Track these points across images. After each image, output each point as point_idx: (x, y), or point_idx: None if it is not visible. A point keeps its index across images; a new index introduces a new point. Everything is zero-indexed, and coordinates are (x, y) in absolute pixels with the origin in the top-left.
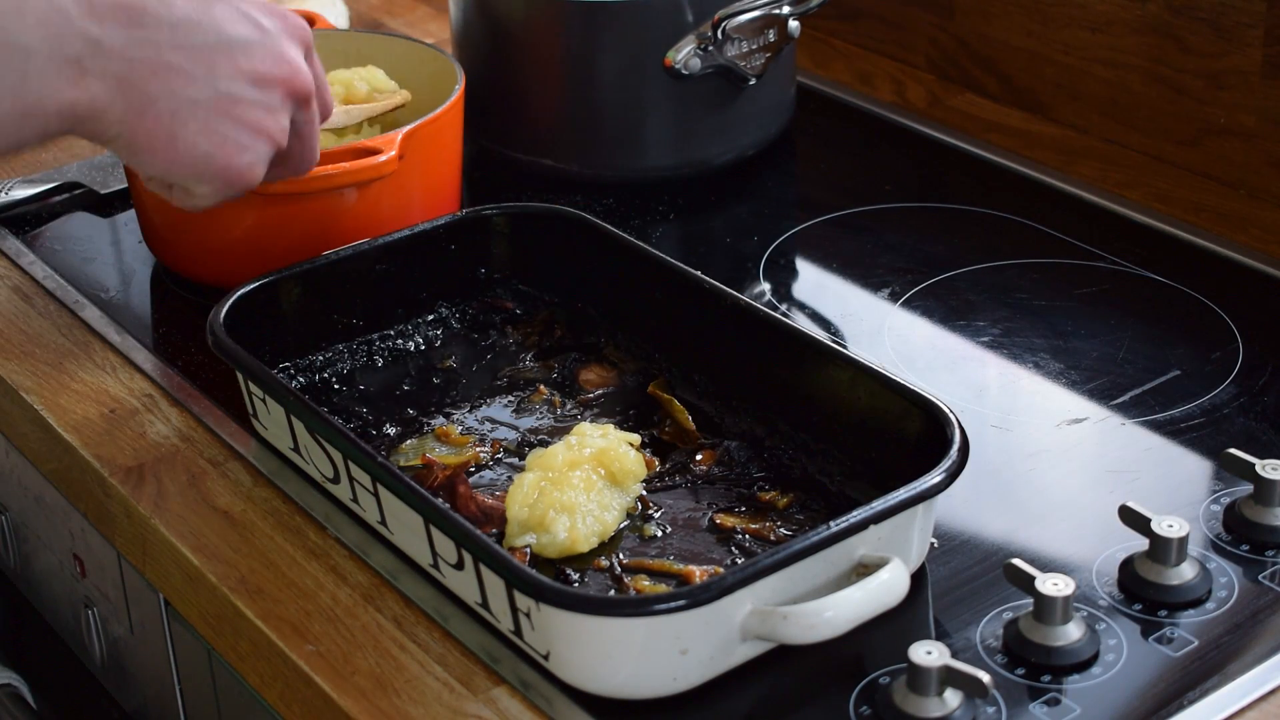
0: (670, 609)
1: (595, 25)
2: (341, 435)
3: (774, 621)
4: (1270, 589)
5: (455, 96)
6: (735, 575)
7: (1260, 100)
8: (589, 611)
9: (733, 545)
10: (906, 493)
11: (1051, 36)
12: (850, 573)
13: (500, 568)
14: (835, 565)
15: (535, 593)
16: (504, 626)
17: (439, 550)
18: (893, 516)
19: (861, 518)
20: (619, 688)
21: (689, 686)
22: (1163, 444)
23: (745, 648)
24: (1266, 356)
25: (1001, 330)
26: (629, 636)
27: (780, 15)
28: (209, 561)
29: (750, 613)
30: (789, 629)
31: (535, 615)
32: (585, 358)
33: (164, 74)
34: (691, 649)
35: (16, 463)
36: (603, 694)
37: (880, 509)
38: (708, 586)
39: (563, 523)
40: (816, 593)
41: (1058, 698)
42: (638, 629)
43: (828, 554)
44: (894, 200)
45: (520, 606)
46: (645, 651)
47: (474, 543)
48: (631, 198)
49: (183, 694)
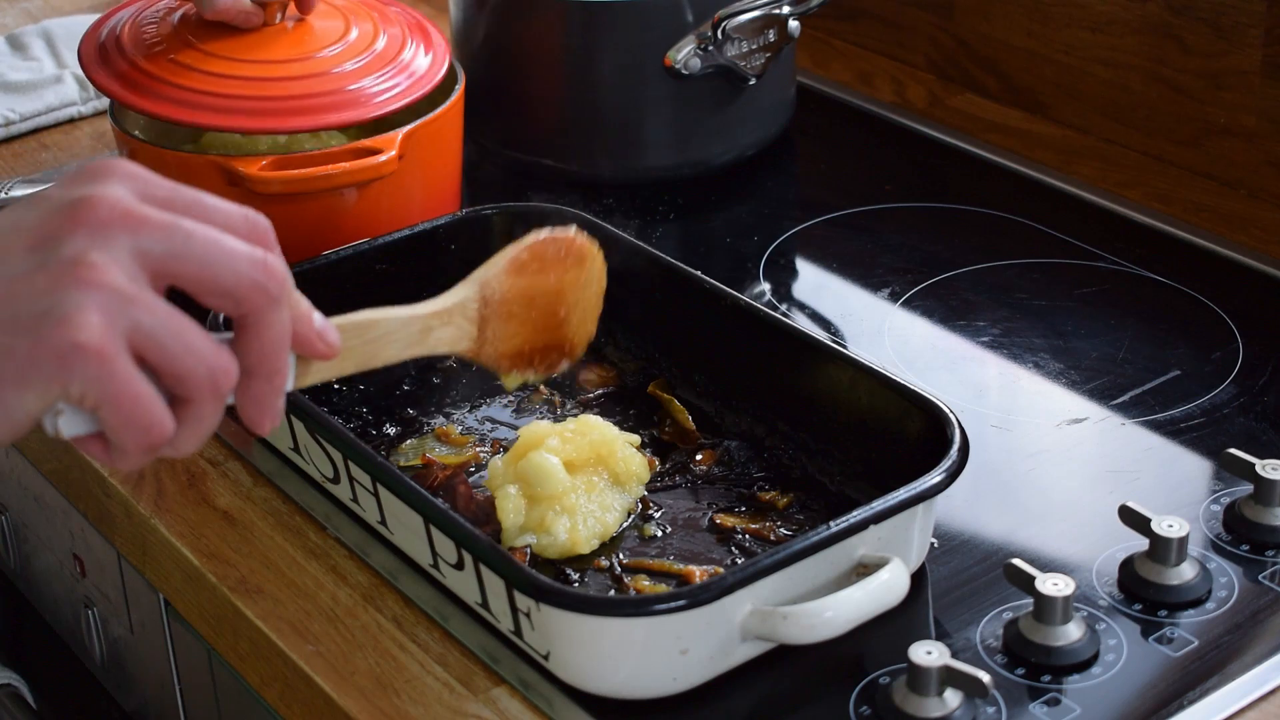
0: (670, 609)
1: (595, 25)
2: (341, 435)
3: (774, 621)
4: (1270, 589)
5: (455, 96)
6: (735, 575)
7: (1260, 100)
8: (589, 612)
9: (733, 545)
10: (906, 493)
11: (1051, 36)
12: (850, 573)
13: (501, 568)
14: (835, 565)
15: (535, 593)
16: (504, 627)
17: (439, 550)
18: (892, 517)
19: (861, 518)
20: (619, 688)
21: (689, 686)
22: (1163, 444)
23: (745, 648)
24: (1266, 356)
25: (1001, 330)
26: (629, 636)
27: (780, 15)
28: (209, 561)
29: (750, 613)
30: (789, 629)
31: (535, 615)
32: (585, 358)
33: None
34: (692, 649)
35: (16, 463)
36: (603, 694)
37: (880, 509)
38: (708, 586)
39: (563, 524)
40: (817, 593)
41: (1058, 698)
42: (638, 629)
43: (828, 554)
44: (894, 200)
45: (520, 607)
46: (645, 651)
47: (474, 543)
48: (631, 198)
49: (183, 694)
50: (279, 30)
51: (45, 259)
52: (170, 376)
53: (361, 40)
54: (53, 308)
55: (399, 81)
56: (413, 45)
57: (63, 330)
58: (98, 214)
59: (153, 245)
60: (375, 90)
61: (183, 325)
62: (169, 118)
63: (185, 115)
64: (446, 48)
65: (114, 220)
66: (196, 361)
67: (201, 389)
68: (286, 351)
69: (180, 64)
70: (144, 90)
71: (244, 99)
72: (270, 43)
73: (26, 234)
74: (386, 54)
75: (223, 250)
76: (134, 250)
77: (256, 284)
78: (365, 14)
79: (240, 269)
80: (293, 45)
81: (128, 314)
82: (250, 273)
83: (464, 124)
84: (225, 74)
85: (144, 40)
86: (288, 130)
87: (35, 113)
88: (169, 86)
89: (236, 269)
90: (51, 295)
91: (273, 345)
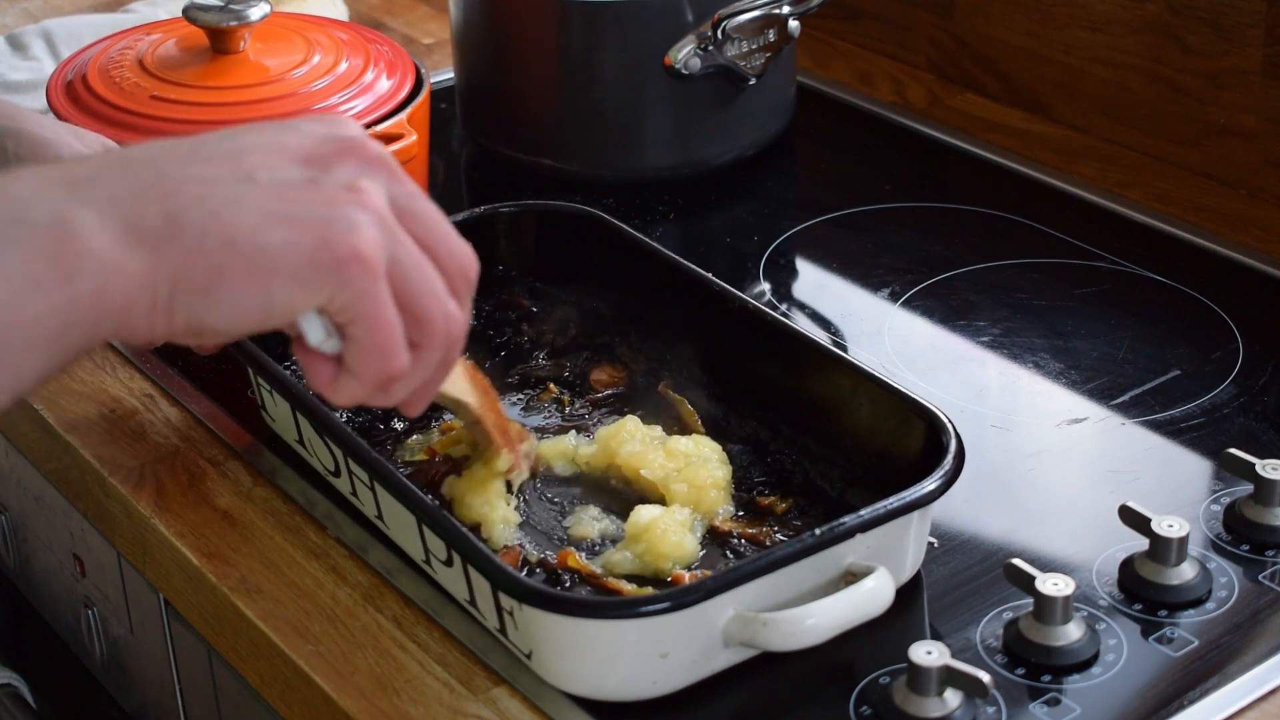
0: (651, 612)
1: (595, 25)
2: (339, 431)
3: (754, 628)
4: (1270, 589)
5: (421, 98)
6: (717, 580)
7: (1260, 100)
8: (569, 613)
9: (728, 550)
10: (896, 501)
11: (1051, 36)
12: (839, 580)
13: (484, 568)
14: (822, 573)
15: (517, 593)
16: (490, 625)
17: (430, 548)
18: (882, 525)
19: (848, 526)
20: (598, 689)
21: (670, 690)
22: (1163, 444)
23: (728, 653)
24: (1266, 356)
25: (1001, 330)
26: (609, 638)
27: (780, 15)
28: (209, 561)
29: (732, 618)
30: (769, 636)
31: (518, 615)
32: (597, 357)
33: (182, 189)
34: (672, 653)
35: (16, 463)
36: (583, 695)
37: (868, 518)
38: (689, 590)
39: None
40: (803, 600)
41: (1058, 698)
42: (617, 631)
43: (814, 561)
44: (894, 200)
45: (504, 606)
46: (625, 654)
47: (461, 543)
48: (631, 198)
49: (183, 694)
50: (241, 58)
51: (317, 176)
52: (410, 314)
53: (324, 64)
54: (336, 216)
55: (363, 100)
56: (374, 69)
57: (349, 238)
58: (367, 151)
59: (399, 194)
60: (344, 107)
61: (430, 268)
62: None
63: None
64: (411, 65)
65: (379, 161)
66: (439, 306)
67: (436, 333)
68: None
69: (146, 94)
70: (111, 122)
71: (212, 124)
72: (233, 69)
73: (293, 151)
74: (349, 76)
75: (445, 230)
76: (388, 193)
77: (468, 256)
78: (330, 41)
79: (455, 249)
80: (255, 71)
81: (391, 245)
82: (463, 253)
83: (464, 124)
84: (192, 101)
85: (111, 76)
86: None
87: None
88: (136, 117)
89: (453, 248)
90: (332, 206)
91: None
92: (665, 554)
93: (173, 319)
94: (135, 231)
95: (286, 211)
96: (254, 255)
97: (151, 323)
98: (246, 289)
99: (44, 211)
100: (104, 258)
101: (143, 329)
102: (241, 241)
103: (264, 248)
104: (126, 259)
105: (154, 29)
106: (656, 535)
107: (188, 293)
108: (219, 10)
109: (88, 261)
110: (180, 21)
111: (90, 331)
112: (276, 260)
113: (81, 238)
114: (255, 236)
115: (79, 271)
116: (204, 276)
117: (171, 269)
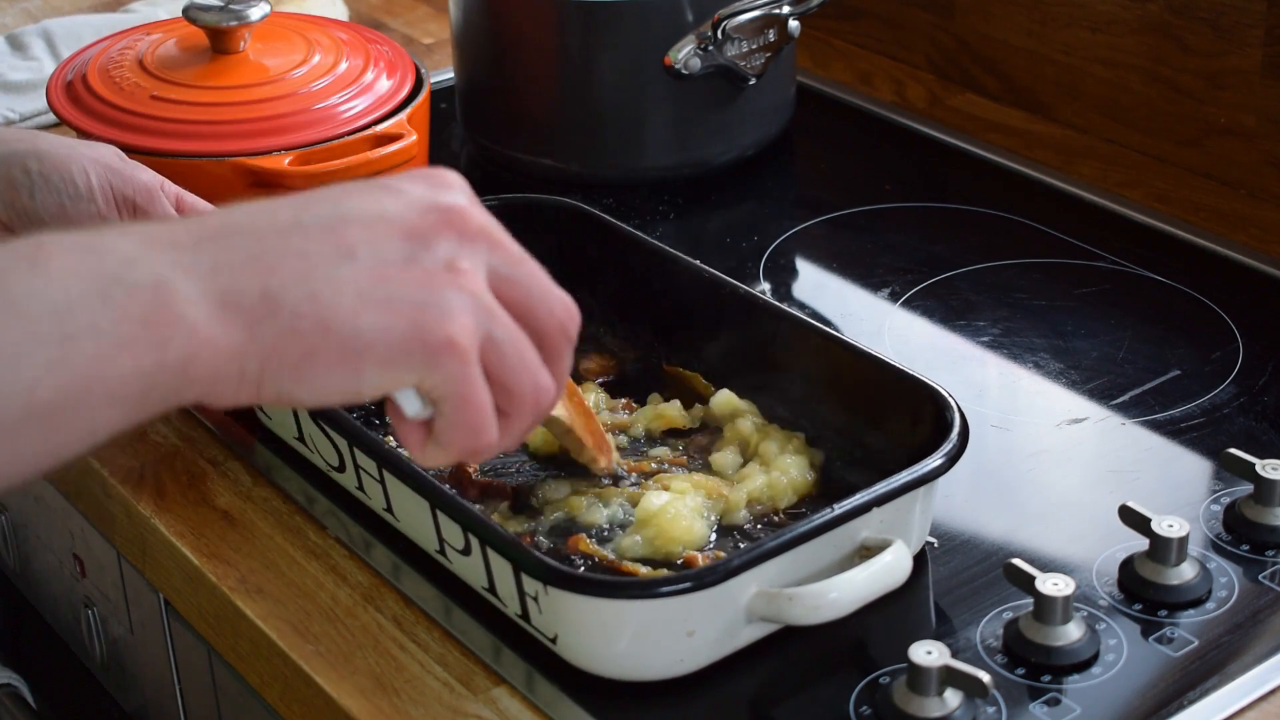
0: (677, 591)
1: (595, 25)
2: (347, 423)
3: (780, 603)
4: (1270, 589)
5: (422, 97)
6: (741, 557)
7: (1260, 100)
8: (597, 594)
9: (736, 533)
10: (908, 475)
11: (1051, 36)
12: (854, 555)
13: (508, 551)
14: (838, 548)
15: (543, 576)
16: (511, 611)
17: (445, 536)
18: (894, 500)
19: (864, 501)
20: (626, 670)
21: (696, 668)
22: (1163, 444)
23: (751, 629)
24: (1266, 356)
25: (1001, 330)
26: (638, 618)
27: (780, 15)
28: (209, 561)
29: (756, 594)
30: (795, 610)
31: (543, 599)
32: (585, 346)
33: (282, 264)
34: (698, 630)
35: None
36: (610, 676)
37: (882, 492)
38: (714, 569)
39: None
40: (820, 575)
41: (1058, 698)
42: (646, 611)
43: (831, 537)
44: (894, 200)
45: (528, 590)
46: (652, 633)
47: (482, 528)
48: (631, 197)
49: (183, 694)
50: (241, 58)
51: (417, 253)
52: (502, 388)
53: (324, 64)
54: (432, 301)
55: (363, 100)
56: (374, 69)
57: (443, 324)
58: (469, 224)
59: (499, 263)
60: (343, 107)
61: (525, 343)
62: (138, 147)
63: (156, 143)
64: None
65: (480, 233)
66: (530, 379)
67: (525, 405)
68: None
69: (146, 94)
70: (111, 122)
71: (212, 123)
72: (233, 69)
73: (397, 224)
74: (349, 76)
75: (544, 287)
76: (488, 265)
77: (568, 311)
78: (330, 41)
79: (555, 309)
80: (255, 71)
81: (486, 323)
82: (563, 310)
83: (464, 124)
84: (192, 101)
85: (111, 76)
86: (255, 151)
87: (35, 113)
88: (136, 117)
89: (552, 308)
90: (429, 290)
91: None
92: (676, 538)
93: (260, 392)
94: (232, 306)
95: (384, 294)
96: (348, 339)
97: (238, 394)
98: (338, 370)
99: (145, 274)
100: (197, 329)
101: (228, 398)
102: (337, 325)
103: (358, 332)
104: (219, 333)
105: (154, 29)
106: (667, 520)
107: (278, 370)
108: (219, 10)
109: (181, 330)
110: (180, 21)
111: (173, 397)
112: (370, 345)
113: (178, 306)
114: (351, 320)
115: (171, 340)
116: (296, 357)
117: (264, 348)
